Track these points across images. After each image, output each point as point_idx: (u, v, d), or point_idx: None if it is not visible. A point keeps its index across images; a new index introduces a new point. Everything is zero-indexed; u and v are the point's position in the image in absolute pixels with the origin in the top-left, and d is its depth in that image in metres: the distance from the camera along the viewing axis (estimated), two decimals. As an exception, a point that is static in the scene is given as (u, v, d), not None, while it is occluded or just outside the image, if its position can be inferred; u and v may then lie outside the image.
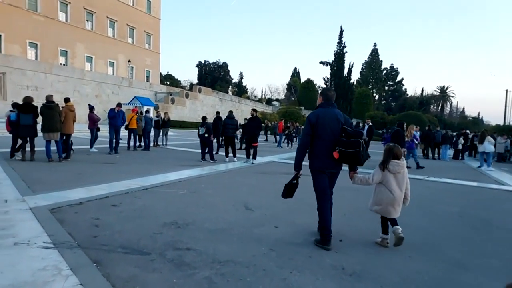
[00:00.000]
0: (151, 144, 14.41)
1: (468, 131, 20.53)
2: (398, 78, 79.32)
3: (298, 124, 27.39)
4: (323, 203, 3.85)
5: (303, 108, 53.97)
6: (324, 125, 3.77)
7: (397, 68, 79.32)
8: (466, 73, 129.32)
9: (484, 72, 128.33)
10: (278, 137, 21.65)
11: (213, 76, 73.66)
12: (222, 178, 8.23)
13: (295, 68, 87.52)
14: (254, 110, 11.78)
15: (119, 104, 12.28)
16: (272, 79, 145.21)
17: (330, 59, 60.35)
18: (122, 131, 12.59)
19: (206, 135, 10.99)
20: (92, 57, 40.41)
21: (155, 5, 49.50)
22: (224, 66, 75.98)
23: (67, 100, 9.91)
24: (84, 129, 14.91)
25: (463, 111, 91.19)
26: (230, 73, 78.03)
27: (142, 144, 14.03)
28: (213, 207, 5.26)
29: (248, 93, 80.00)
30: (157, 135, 15.65)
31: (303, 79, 72.17)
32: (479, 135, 14.07)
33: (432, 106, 79.41)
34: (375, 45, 77.18)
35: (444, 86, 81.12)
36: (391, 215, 3.83)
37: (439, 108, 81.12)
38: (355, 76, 70.99)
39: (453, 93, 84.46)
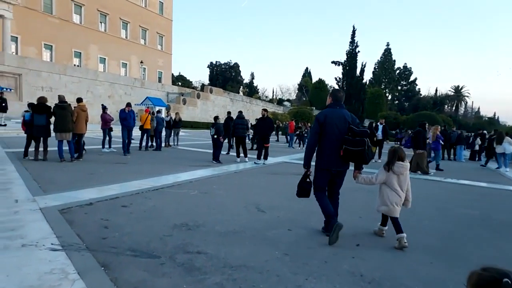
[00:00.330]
0: (162, 144, 14.43)
1: (485, 132, 19.97)
2: (412, 78, 77.86)
3: (309, 124, 27.12)
4: (318, 194, 4.03)
5: (314, 108, 53.48)
6: (332, 124, 3.89)
7: (410, 68, 77.90)
8: (482, 73, 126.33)
9: (500, 72, 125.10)
10: (289, 138, 21.47)
11: (224, 76, 73.72)
12: (233, 178, 8.12)
13: (307, 68, 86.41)
14: (265, 110, 11.46)
15: (129, 104, 12.26)
16: (284, 79, 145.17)
17: (342, 59, 59.74)
18: (135, 131, 12.59)
19: (216, 136, 10.89)
20: (105, 58, 40.90)
21: (167, 6, 49.89)
22: (235, 66, 76.00)
23: (79, 100, 9.96)
24: (97, 129, 15.02)
25: (478, 111, 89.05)
26: (241, 74, 77.98)
27: (154, 144, 14.05)
28: (225, 208, 5.15)
29: (259, 93, 79.82)
30: (169, 135, 15.67)
31: (315, 79, 71.62)
32: (496, 136, 13.63)
33: (446, 106, 77.81)
34: (388, 45, 75.89)
35: (458, 86, 79.41)
36: (394, 214, 3.94)
37: (453, 108, 79.42)
38: (367, 76, 69.93)
39: (468, 93, 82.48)
